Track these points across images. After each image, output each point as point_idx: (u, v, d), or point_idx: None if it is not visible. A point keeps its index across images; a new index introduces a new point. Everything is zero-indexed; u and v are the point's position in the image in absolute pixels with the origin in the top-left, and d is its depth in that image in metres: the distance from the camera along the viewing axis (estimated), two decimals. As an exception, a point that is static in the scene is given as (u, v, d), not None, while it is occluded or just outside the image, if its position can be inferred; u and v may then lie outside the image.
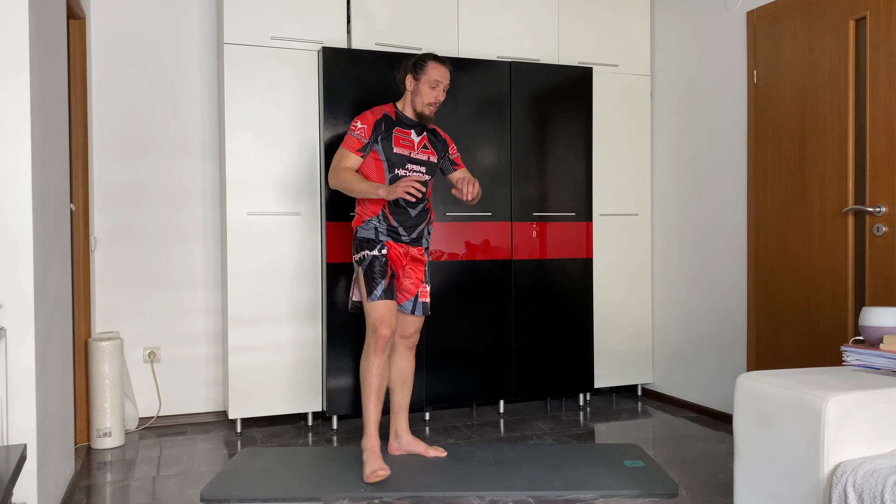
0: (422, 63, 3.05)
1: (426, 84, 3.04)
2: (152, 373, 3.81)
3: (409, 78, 3.07)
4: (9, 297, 2.19)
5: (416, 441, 3.20)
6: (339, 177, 2.98)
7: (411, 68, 3.07)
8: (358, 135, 2.99)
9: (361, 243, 3.03)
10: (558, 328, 4.01)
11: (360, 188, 2.94)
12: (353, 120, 3.08)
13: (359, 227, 3.05)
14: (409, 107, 3.10)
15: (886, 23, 2.93)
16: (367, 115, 3.04)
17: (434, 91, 3.05)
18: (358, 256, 3.04)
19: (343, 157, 3.01)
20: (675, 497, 2.71)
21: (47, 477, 2.39)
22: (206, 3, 3.90)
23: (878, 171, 2.97)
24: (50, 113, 2.52)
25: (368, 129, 3.00)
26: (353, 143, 3.00)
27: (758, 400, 2.05)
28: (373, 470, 2.85)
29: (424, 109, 3.07)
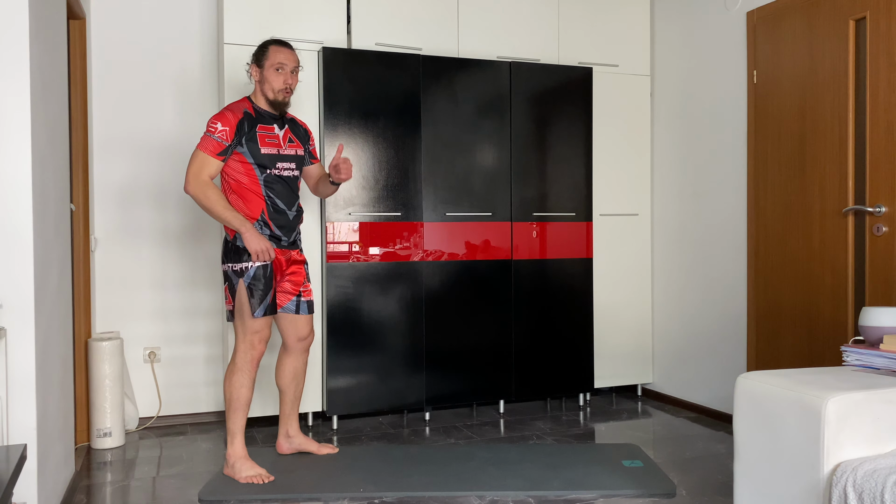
0: (262, 49, 2.95)
1: (271, 69, 2.92)
2: (152, 373, 3.81)
3: (253, 67, 2.94)
4: (9, 297, 2.19)
5: (307, 440, 3.18)
6: (205, 193, 2.77)
7: (253, 57, 2.97)
8: (218, 137, 2.80)
9: (241, 252, 2.86)
10: (558, 328, 4.01)
11: (221, 215, 2.78)
12: (210, 119, 2.84)
13: (237, 236, 2.85)
14: (262, 98, 2.95)
15: (886, 23, 2.93)
16: (227, 114, 2.84)
17: (281, 74, 2.92)
18: (239, 267, 2.86)
19: (204, 164, 2.78)
20: (673, 497, 2.71)
21: (47, 477, 2.39)
22: (206, 3, 3.90)
23: (878, 172, 2.97)
24: (50, 113, 2.52)
25: (230, 130, 2.81)
26: (214, 147, 2.79)
27: (758, 400, 2.05)
28: (257, 473, 2.86)
29: (277, 96, 2.93)
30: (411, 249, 3.72)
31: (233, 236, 2.89)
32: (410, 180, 3.73)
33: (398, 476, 2.91)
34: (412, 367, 3.73)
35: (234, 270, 2.89)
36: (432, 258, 3.75)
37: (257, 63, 2.96)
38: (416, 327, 3.73)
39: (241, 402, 2.91)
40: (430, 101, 3.76)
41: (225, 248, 2.93)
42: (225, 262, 2.92)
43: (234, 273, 2.89)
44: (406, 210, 3.71)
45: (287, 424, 3.17)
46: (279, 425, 3.19)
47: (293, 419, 3.17)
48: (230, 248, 2.90)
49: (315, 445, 3.18)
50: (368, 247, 3.65)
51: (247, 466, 2.89)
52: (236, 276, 2.88)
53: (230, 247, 2.90)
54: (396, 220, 3.69)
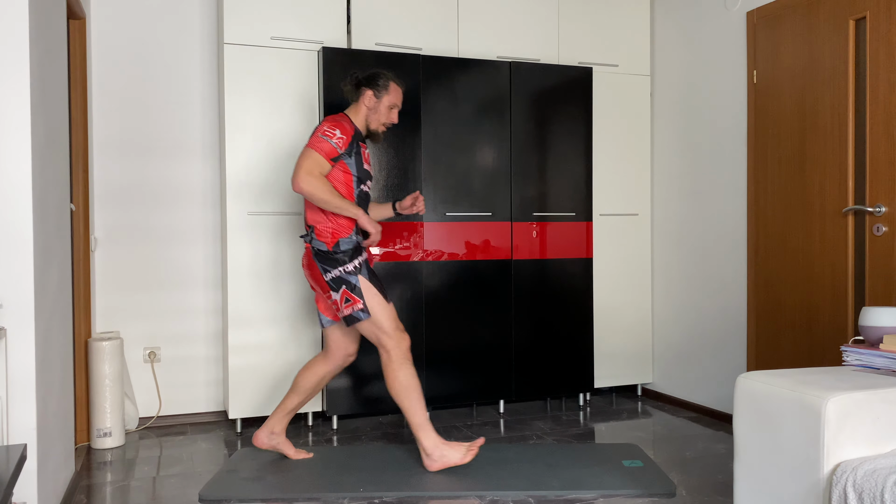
0: (385, 82, 3.01)
1: (386, 105, 3.02)
2: (152, 373, 3.81)
3: (370, 94, 3.00)
4: (9, 297, 2.19)
5: (287, 442, 3.16)
6: (316, 184, 2.81)
7: (373, 84, 3.00)
8: (336, 143, 2.86)
9: (348, 254, 2.92)
10: (558, 328, 4.01)
11: (337, 203, 2.84)
12: (325, 122, 2.90)
13: (340, 241, 2.91)
14: (363, 122, 3.03)
15: (886, 23, 2.93)
16: (345, 125, 2.93)
17: (391, 113, 3.04)
18: (351, 266, 2.91)
19: (317, 163, 2.84)
20: (673, 497, 2.71)
21: (47, 477, 2.39)
22: (206, 3, 3.90)
23: (878, 171, 2.97)
24: (50, 113, 2.52)
25: (347, 140, 2.90)
26: (329, 150, 2.86)
27: (758, 400, 2.05)
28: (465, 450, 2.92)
29: (379, 128, 3.05)
30: (411, 249, 3.72)
31: (332, 245, 2.91)
32: (410, 180, 3.73)
33: (398, 476, 2.91)
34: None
35: (348, 272, 2.91)
36: (432, 258, 3.75)
37: (375, 92, 3.00)
38: (416, 327, 3.74)
39: (418, 389, 2.93)
40: (430, 101, 3.76)
41: (328, 256, 2.92)
42: (335, 268, 2.91)
43: (350, 274, 2.91)
44: (406, 210, 3.71)
45: (280, 423, 3.13)
46: (269, 419, 3.13)
47: (286, 421, 3.15)
48: (333, 256, 2.92)
49: (293, 450, 3.15)
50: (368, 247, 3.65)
51: (454, 449, 2.92)
52: (354, 275, 2.91)
53: (334, 255, 2.92)
54: (396, 219, 3.69)
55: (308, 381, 3.10)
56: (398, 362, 2.92)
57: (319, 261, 2.93)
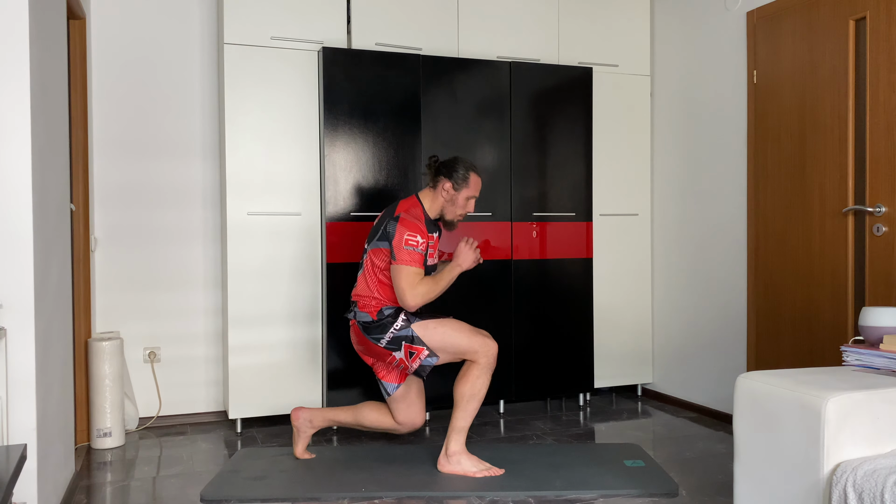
0: (465, 174, 2.96)
1: (464, 197, 2.98)
2: (152, 373, 3.81)
3: (450, 186, 2.96)
4: (9, 297, 2.19)
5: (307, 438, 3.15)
6: (423, 291, 2.81)
7: (453, 175, 2.96)
8: (420, 250, 2.83)
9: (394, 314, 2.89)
10: (558, 328, 4.01)
11: (442, 285, 2.87)
12: (402, 228, 2.84)
13: (383, 308, 2.90)
14: (438, 211, 3.01)
15: (886, 23, 2.93)
16: (420, 226, 2.86)
17: (468, 204, 3.00)
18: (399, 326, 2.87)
19: (417, 275, 2.82)
20: (676, 497, 2.71)
21: (47, 477, 2.39)
22: (206, 4, 3.91)
23: (878, 172, 2.97)
24: (50, 113, 2.52)
25: (426, 243, 2.87)
26: (418, 259, 2.82)
27: (758, 400, 2.05)
28: (486, 466, 2.90)
29: (455, 219, 3.02)
30: (411, 249, 3.72)
31: (376, 315, 2.90)
32: (410, 180, 3.73)
33: (398, 476, 2.91)
34: (412, 367, 3.73)
35: (399, 328, 2.88)
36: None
37: (454, 183, 2.96)
38: (416, 327, 3.73)
39: (481, 401, 2.91)
40: (430, 101, 3.76)
41: (375, 326, 2.90)
42: (385, 334, 2.88)
43: (403, 329, 2.88)
44: (406, 210, 3.71)
45: (321, 422, 3.12)
46: (320, 409, 3.14)
47: (324, 426, 3.15)
48: (378, 324, 2.89)
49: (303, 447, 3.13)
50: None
51: (474, 461, 2.91)
52: (408, 328, 2.87)
53: (378, 324, 2.89)
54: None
55: (369, 418, 3.09)
56: (482, 369, 2.88)
57: (368, 333, 2.92)
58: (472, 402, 2.88)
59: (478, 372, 2.88)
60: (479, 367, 2.88)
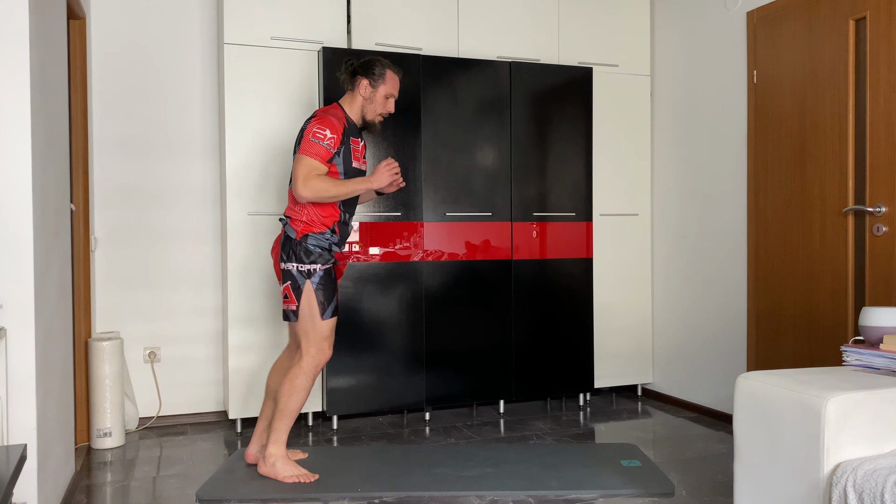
0: (381, 70, 2.91)
1: (382, 94, 2.93)
2: (152, 373, 3.81)
3: (366, 83, 2.90)
4: (9, 297, 2.19)
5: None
6: (318, 186, 2.74)
7: (369, 73, 2.90)
8: (328, 144, 2.76)
9: (310, 254, 2.82)
10: (558, 328, 4.01)
11: (342, 190, 2.77)
12: (314, 122, 2.79)
13: (309, 235, 2.83)
14: (358, 112, 2.93)
15: (886, 23, 2.93)
16: (333, 121, 2.80)
17: (388, 102, 2.95)
18: (306, 268, 2.81)
19: (313, 168, 2.75)
20: (672, 496, 2.71)
21: (47, 477, 2.39)
22: (206, 4, 3.91)
23: (878, 171, 2.97)
24: (50, 113, 2.52)
25: (338, 139, 2.79)
26: (323, 153, 2.76)
27: (758, 400, 2.05)
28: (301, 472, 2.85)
29: (376, 118, 2.96)
30: (411, 249, 3.72)
31: (300, 236, 2.83)
32: (410, 180, 3.73)
33: (398, 476, 2.91)
34: (412, 367, 3.73)
35: (300, 271, 2.83)
36: (432, 258, 3.75)
37: (371, 81, 2.91)
38: (416, 327, 3.73)
39: (299, 406, 2.86)
40: (430, 101, 3.76)
41: (291, 246, 2.84)
42: (290, 261, 2.84)
43: (300, 273, 2.82)
44: (406, 210, 3.71)
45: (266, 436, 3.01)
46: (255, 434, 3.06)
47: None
48: (299, 248, 2.83)
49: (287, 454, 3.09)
50: (368, 247, 3.65)
51: (289, 466, 2.87)
52: (303, 278, 2.82)
53: (300, 247, 2.83)
54: (396, 220, 3.69)
55: (276, 383, 3.03)
56: (305, 371, 2.84)
57: (282, 247, 2.87)
58: (290, 403, 2.82)
59: (297, 371, 2.83)
60: (300, 366, 2.84)
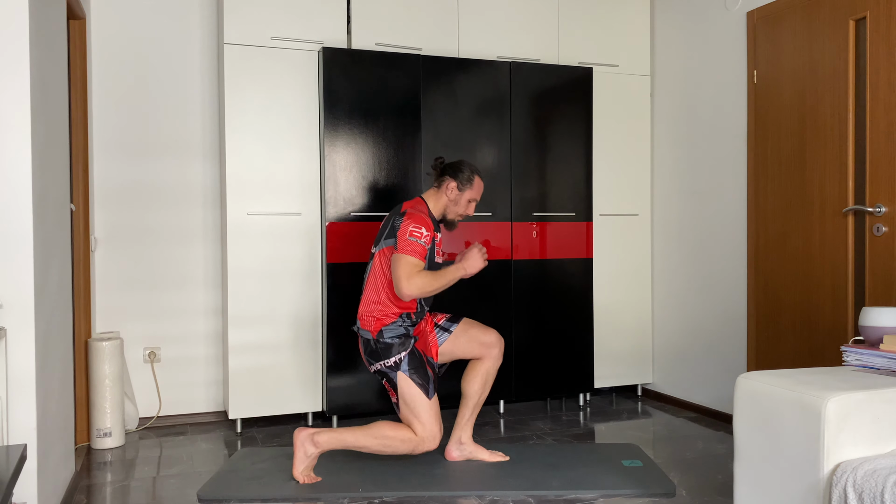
0: (470, 176, 3.01)
1: (467, 198, 3.02)
2: (152, 373, 3.81)
3: (454, 186, 2.99)
4: (9, 297, 2.19)
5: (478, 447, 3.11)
6: (421, 283, 2.77)
7: (458, 176, 2.99)
8: (424, 242, 2.82)
9: (390, 348, 2.88)
10: (558, 328, 4.01)
11: (442, 282, 2.83)
12: (408, 221, 2.84)
13: (382, 330, 2.88)
14: (441, 210, 3.04)
15: (886, 23, 2.93)
16: (426, 219, 2.87)
17: (470, 206, 3.04)
18: (392, 361, 2.87)
19: (415, 266, 2.79)
20: (673, 497, 2.71)
21: (47, 477, 2.39)
22: (206, 4, 3.91)
23: (878, 171, 2.97)
24: (50, 113, 2.52)
25: (431, 237, 2.86)
26: (421, 251, 2.81)
27: (758, 400, 2.05)
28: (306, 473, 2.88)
29: (455, 219, 3.06)
30: (411, 249, 3.72)
31: (375, 335, 2.89)
32: (410, 180, 3.73)
33: (398, 476, 2.91)
34: (412, 367, 3.73)
35: (388, 366, 2.89)
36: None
37: (459, 185, 3.00)
38: (416, 327, 3.73)
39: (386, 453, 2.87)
40: (430, 101, 3.76)
41: (371, 347, 2.91)
42: (377, 362, 2.90)
43: (390, 369, 2.89)
44: (406, 210, 3.71)
45: (462, 430, 3.09)
46: (454, 430, 3.10)
47: (470, 426, 3.10)
48: (378, 346, 2.89)
49: (486, 454, 3.09)
50: (369, 247, 3.65)
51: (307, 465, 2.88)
52: (394, 371, 2.88)
53: (378, 345, 2.89)
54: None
55: (473, 382, 3.04)
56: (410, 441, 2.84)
57: (365, 351, 2.93)
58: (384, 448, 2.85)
59: (407, 437, 2.84)
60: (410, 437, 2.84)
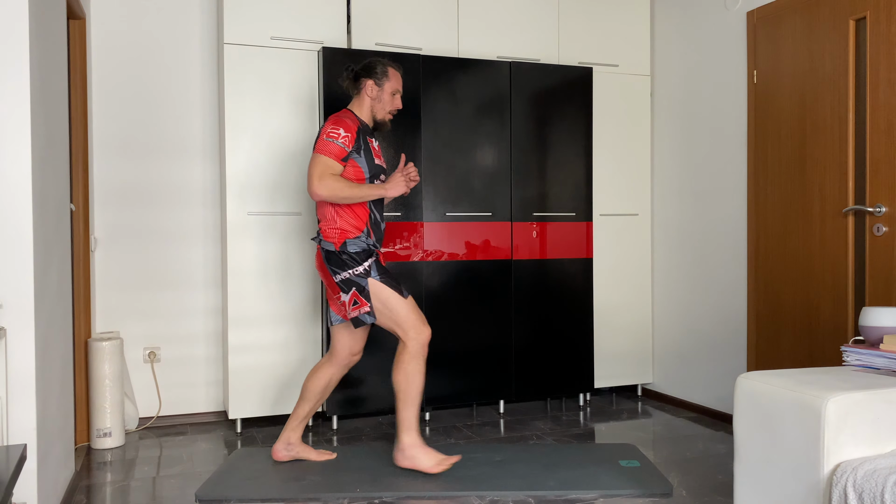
0: (384, 69, 2.99)
1: (388, 92, 3.00)
2: (152, 373, 3.81)
3: (371, 83, 2.97)
4: (9, 297, 2.19)
5: (306, 448, 3.13)
6: (332, 185, 2.79)
7: (372, 74, 2.98)
8: (342, 143, 2.83)
9: (357, 256, 2.88)
10: (558, 328, 4.01)
11: (357, 192, 2.83)
12: (327, 125, 2.87)
13: (346, 242, 2.87)
14: (368, 113, 3.01)
15: (886, 23, 2.93)
16: (347, 122, 2.88)
17: (395, 98, 3.02)
18: (362, 269, 2.87)
19: (328, 167, 2.82)
20: (671, 496, 2.71)
21: (47, 477, 2.39)
22: (206, 3, 3.91)
23: (878, 172, 2.97)
24: (50, 113, 2.52)
25: (352, 137, 2.86)
26: (337, 151, 2.83)
27: (758, 400, 2.05)
28: (442, 458, 2.90)
29: (386, 117, 3.03)
30: (411, 249, 3.72)
31: (339, 246, 2.88)
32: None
33: (398, 476, 2.91)
34: (412, 367, 3.73)
35: (357, 274, 2.88)
36: (432, 258, 3.75)
37: (376, 81, 2.98)
38: (416, 327, 3.73)
39: (419, 390, 2.90)
40: (430, 101, 3.76)
41: (335, 259, 2.89)
42: (344, 271, 2.88)
43: (359, 276, 2.88)
44: (406, 210, 3.71)
45: (294, 432, 3.10)
46: (283, 430, 3.11)
47: (301, 429, 3.12)
48: (343, 257, 2.88)
49: (314, 453, 3.12)
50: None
51: (428, 456, 2.90)
52: (364, 278, 2.88)
53: (344, 255, 2.88)
54: (396, 220, 3.69)
55: (316, 385, 3.06)
56: (411, 354, 2.89)
57: (328, 262, 2.91)
58: (411, 390, 2.88)
59: (408, 357, 2.89)
60: (408, 352, 2.89)
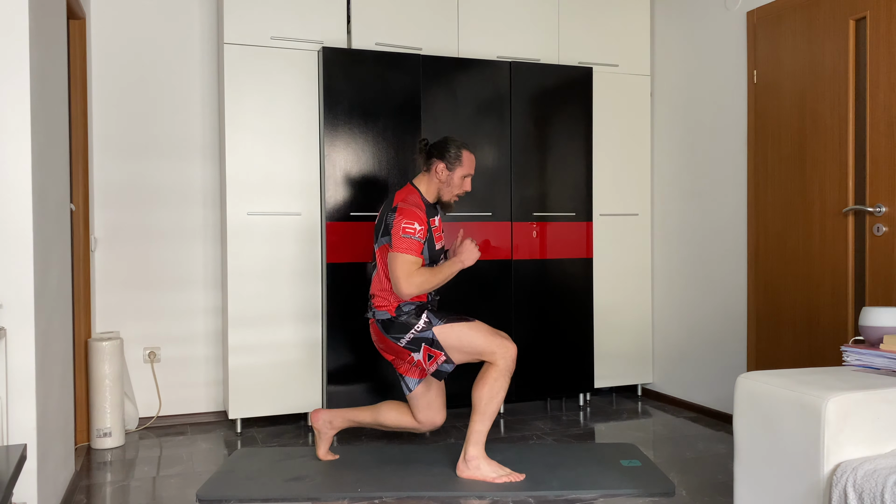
0: (457, 153, 2.94)
1: (459, 176, 2.95)
2: (152, 373, 3.81)
3: (443, 167, 2.93)
4: (9, 297, 2.19)
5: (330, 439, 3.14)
6: (419, 282, 2.77)
7: (445, 156, 2.93)
8: (419, 238, 2.80)
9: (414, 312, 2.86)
10: (558, 328, 4.01)
11: (440, 278, 2.82)
12: (400, 217, 2.81)
13: (400, 305, 2.86)
14: (434, 194, 2.97)
15: (886, 23, 2.93)
16: (417, 212, 2.82)
17: (465, 182, 2.98)
18: (422, 324, 2.84)
19: (411, 264, 2.78)
20: (672, 496, 2.71)
21: (47, 477, 2.39)
22: (206, 3, 3.91)
23: (878, 171, 2.97)
24: (50, 113, 2.52)
25: (425, 230, 2.83)
26: (416, 247, 2.79)
27: (758, 400, 2.05)
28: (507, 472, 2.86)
29: (452, 199, 2.99)
30: (411, 249, 3.72)
31: (395, 312, 2.86)
32: (410, 180, 3.72)
33: (398, 476, 2.91)
34: (412, 367, 3.73)
35: (421, 330, 2.85)
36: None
37: (448, 165, 2.93)
38: (416, 327, 3.73)
39: (499, 407, 2.88)
40: (430, 101, 3.76)
41: (395, 325, 2.87)
42: (407, 333, 2.86)
43: (423, 331, 2.85)
44: (406, 210, 3.71)
45: (342, 422, 3.11)
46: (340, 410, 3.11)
47: (346, 426, 3.13)
48: (402, 319, 2.86)
49: (324, 449, 3.12)
50: (369, 246, 3.65)
51: (493, 466, 2.87)
52: (428, 330, 2.84)
53: (402, 318, 2.86)
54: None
55: (389, 417, 3.05)
56: (500, 371, 2.83)
57: (387, 331, 2.89)
58: (491, 406, 2.84)
59: (496, 374, 2.83)
60: (496, 369, 2.83)
